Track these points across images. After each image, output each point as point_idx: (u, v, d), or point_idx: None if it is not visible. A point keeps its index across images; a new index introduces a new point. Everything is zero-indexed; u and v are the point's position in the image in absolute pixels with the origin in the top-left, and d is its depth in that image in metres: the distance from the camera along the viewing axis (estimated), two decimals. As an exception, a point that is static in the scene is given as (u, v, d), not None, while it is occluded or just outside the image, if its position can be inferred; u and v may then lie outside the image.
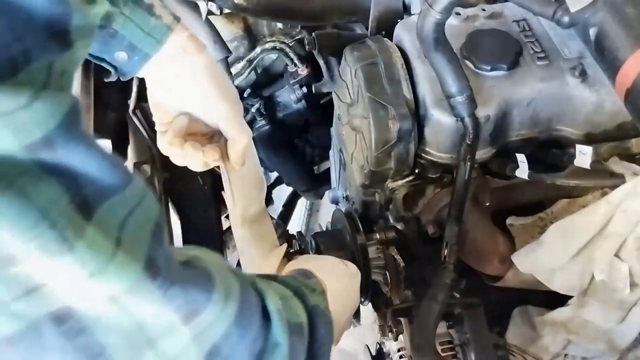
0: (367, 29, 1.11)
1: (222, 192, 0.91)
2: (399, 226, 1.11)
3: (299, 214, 2.09)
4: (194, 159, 0.81)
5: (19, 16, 0.38)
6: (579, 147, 0.88)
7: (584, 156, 0.87)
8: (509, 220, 1.05)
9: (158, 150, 0.83)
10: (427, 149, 0.96)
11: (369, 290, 0.99)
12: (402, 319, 0.88)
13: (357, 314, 1.05)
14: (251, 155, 0.89)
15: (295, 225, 2.07)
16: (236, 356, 0.54)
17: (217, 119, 0.81)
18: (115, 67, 0.76)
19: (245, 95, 1.51)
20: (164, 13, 0.75)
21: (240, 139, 0.83)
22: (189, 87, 0.78)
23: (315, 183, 1.65)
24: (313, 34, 1.21)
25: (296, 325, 0.63)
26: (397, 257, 1.01)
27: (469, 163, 0.90)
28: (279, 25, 1.45)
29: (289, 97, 1.48)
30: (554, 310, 1.00)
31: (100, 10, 0.69)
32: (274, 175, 1.77)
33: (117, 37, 0.73)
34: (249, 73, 1.48)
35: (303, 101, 1.48)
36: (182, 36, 0.76)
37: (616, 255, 0.86)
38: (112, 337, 0.45)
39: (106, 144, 1.55)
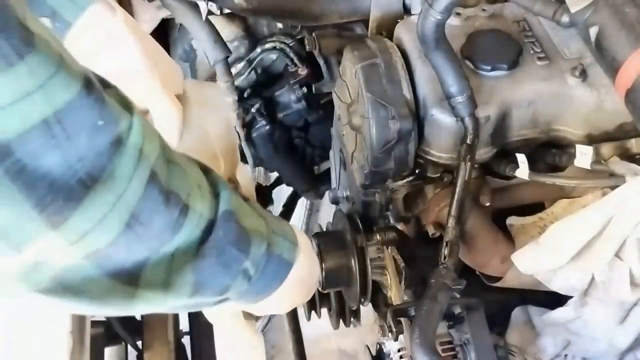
0: (367, 29, 1.11)
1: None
2: (399, 226, 1.11)
3: (299, 214, 2.09)
4: None
5: None
6: (579, 147, 0.88)
7: (584, 156, 0.87)
8: (509, 221, 1.05)
9: None
10: (427, 149, 0.96)
11: (369, 291, 0.99)
12: (402, 319, 0.88)
13: (357, 314, 1.05)
14: (194, 135, 0.83)
15: (295, 225, 2.07)
16: None
17: (137, 91, 0.75)
18: None
19: (245, 95, 1.51)
20: None
21: (170, 114, 0.78)
22: (110, 58, 0.76)
23: (315, 183, 1.65)
24: (313, 34, 1.21)
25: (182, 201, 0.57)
26: (397, 257, 1.01)
27: (469, 163, 0.90)
28: (279, 25, 1.45)
29: (289, 97, 1.48)
30: (554, 310, 1.00)
31: None
32: (274, 175, 1.77)
33: (38, 1, 0.71)
34: (249, 73, 1.49)
35: (303, 101, 1.48)
36: (102, 4, 0.74)
37: (616, 255, 0.85)
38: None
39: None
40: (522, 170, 0.92)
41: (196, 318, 1.30)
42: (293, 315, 1.25)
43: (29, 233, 0.46)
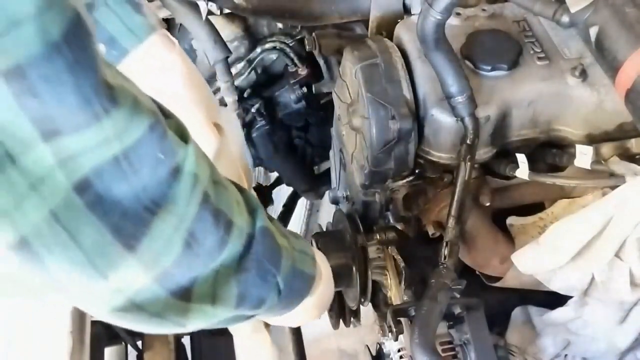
0: (367, 29, 1.11)
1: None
2: (399, 226, 1.11)
3: (299, 214, 2.09)
4: None
5: None
6: (579, 147, 0.88)
7: (584, 156, 0.87)
8: (509, 221, 1.05)
9: None
10: (427, 149, 0.96)
11: (369, 291, 0.99)
12: (402, 319, 0.88)
13: (357, 314, 1.05)
14: (226, 159, 0.89)
15: (295, 225, 2.07)
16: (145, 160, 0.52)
17: (185, 119, 0.81)
18: None
19: (245, 95, 1.51)
20: (150, 14, 0.76)
21: (210, 142, 0.83)
22: (160, 86, 0.79)
23: (315, 183, 1.65)
24: (313, 34, 1.21)
25: (220, 211, 0.61)
26: (397, 257, 1.01)
27: (469, 163, 0.90)
28: (279, 25, 1.45)
29: (289, 97, 1.48)
30: (554, 310, 1.00)
31: None
32: (274, 175, 1.77)
33: (97, 27, 0.72)
34: (249, 73, 1.49)
35: (303, 101, 1.48)
36: (161, 37, 0.77)
37: (616, 255, 0.85)
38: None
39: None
40: (522, 170, 0.92)
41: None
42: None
43: (113, 258, 0.51)
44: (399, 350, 0.91)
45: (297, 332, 1.34)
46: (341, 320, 1.09)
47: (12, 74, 0.41)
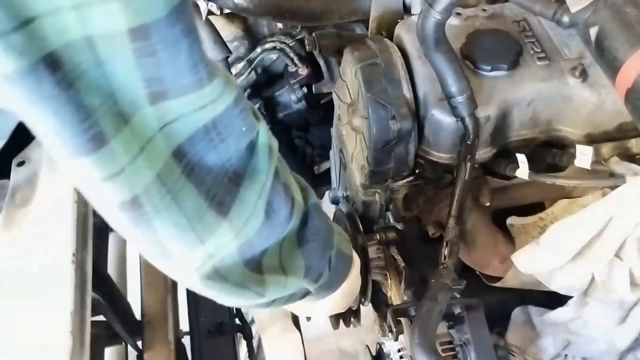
0: (367, 29, 1.11)
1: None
2: (399, 226, 1.11)
3: (299, 214, 2.08)
4: None
5: None
6: (579, 147, 0.88)
7: (584, 156, 0.87)
8: (509, 221, 1.05)
9: None
10: (427, 149, 0.96)
11: (369, 291, 0.99)
12: (402, 319, 0.88)
13: (357, 314, 1.05)
14: None
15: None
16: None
17: None
18: None
19: (245, 95, 1.51)
20: None
21: None
22: None
23: (315, 183, 1.65)
24: (313, 34, 1.21)
25: (285, 185, 0.65)
26: (398, 257, 1.01)
27: (469, 163, 0.90)
28: (279, 25, 1.45)
29: (289, 97, 1.48)
30: (554, 310, 1.00)
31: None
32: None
33: None
34: (249, 73, 1.49)
35: (303, 101, 1.48)
36: None
37: (616, 255, 0.85)
38: (98, 99, 0.45)
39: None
40: (522, 170, 0.92)
41: (196, 318, 1.30)
42: (293, 315, 1.25)
43: (210, 223, 0.55)
44: (399, 351, 0.91)
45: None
46: (341, 320, 1.08)
47: (138, 33, 0.43)
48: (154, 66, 0.46)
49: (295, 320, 1.29)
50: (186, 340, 1.31)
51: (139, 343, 1.26)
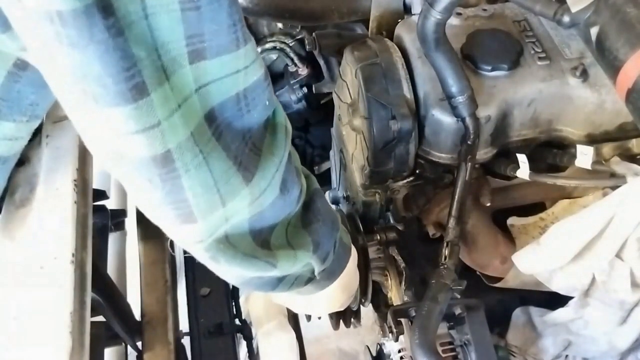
0: (367, 29, 1.11)
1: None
2: (400, 227, 1.10)
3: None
4: None
5: None
6: (579, 147, 0.88)
7: (584, 156, 0.87)
8: (509, 221, 1.05)
9: None
10: (427, 149, 0.95)
11: (369, 291, 0.99)
12: (402, 320, 0.87)
13: (357, 315, 1.05)
14: None
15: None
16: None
17: None
18: None
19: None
20: None
21: None
22: None
23: (315, 183, 1.65)
24: (313, 34, 1.21)
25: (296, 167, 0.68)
26: (398, 257, 1.01)
27: (469, 163, 0.90)
28: (279, 25, 1.45)
29: (289, 97, 1.48)
30: (555, 311, 1.00)
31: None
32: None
33: None
34: (249, 73, 1.48)
35: (303, 101, 1.48)
36: None
37: (617, 256, 0.85)
38: (144, 51, 0.46)
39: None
40: (523, 171, 0.92)
41: (196, 319, 1.30)
42: (293, 315, 1.25)
43: (234, 187, 0.56)
44: (399, 351, 0.91)
45: (297, 332, 1.34)
46: (341, 321, 1.08)
47: None
48: (197, 21, 0.47)
49: (296, 320, 1.29)
50: (186, 341, 1.30)
51: (139, 343, 1.26)
